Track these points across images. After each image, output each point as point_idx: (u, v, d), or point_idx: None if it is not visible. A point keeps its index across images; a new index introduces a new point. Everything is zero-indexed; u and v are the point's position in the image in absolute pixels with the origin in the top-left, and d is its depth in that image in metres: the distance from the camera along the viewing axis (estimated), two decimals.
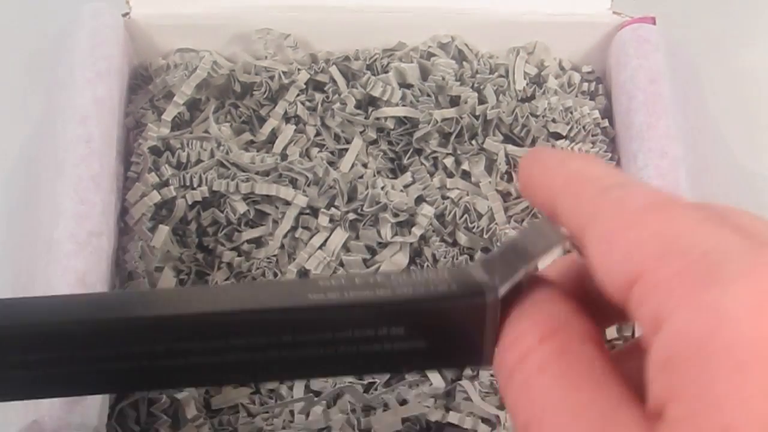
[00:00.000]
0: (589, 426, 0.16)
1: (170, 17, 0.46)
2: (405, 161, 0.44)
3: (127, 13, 0.46)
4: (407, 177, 0.44)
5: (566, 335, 0.17)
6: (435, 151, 0.44)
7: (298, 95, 0.45)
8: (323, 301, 0.20)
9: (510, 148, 0.44)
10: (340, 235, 0.42)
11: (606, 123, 0.45)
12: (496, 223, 0.42)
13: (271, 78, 0.45)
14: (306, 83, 0.46)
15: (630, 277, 0.16)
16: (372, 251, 0.42)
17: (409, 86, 0.45)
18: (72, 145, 0.39)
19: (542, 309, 0.18)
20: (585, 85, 0.47)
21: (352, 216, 0.42)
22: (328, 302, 0.20)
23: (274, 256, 0.42)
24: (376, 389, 0.38)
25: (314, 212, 0.42)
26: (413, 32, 0.47)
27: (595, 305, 0.19)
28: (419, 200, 0.43)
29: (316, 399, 0.38)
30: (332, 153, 0.44)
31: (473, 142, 0.44)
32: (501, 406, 0.38)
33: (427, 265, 0.41)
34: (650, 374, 0.15)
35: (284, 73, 0.46)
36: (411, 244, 0.42)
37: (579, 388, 0.16)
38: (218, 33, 0.47)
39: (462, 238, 0.42)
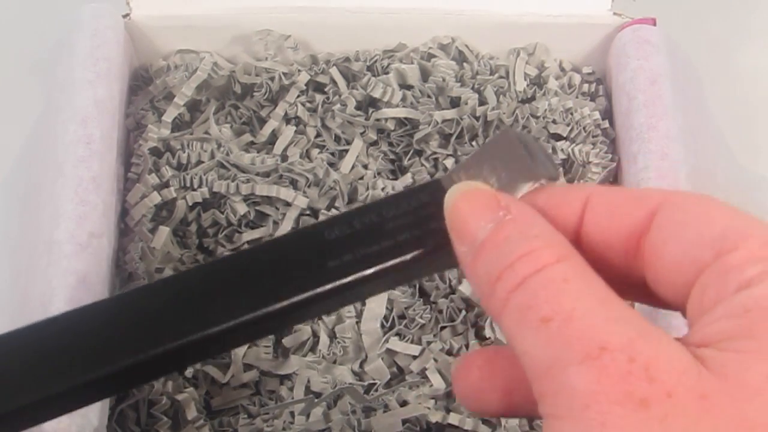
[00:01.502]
0: (623, 313, 0.18)
1: (171, 18, 0.46)
2: (405, 162, 0.44)
3: (128, 15, 0.46)
4: (408, 178, 0.44)
5: (579, 261, 0.19)
6: (435, 153, 0.44)
7: (298, 96, 0.45)
8: (343, 269, 0.22)
9: None
10: None
11: (606, 124, 0.45)
12: None
13: (272, 79, 0.45)
14: (306, 84, 0.46)
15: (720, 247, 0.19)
16: None
17: (410, 87, 0.45)
18: (72, 146, 0.39)
19: (554, 235, 0.20)
20: (585, 86, 0.47)
21: None
22: (349, 269, 0.22)
23: None
24: (376, 390, 0.38)
25: (314, 213, 0.42)
26: (413, 33, 0.47)
27: None
28: None
29: (316, 400, 0.38)
30: (332, 154, 0.44)
31: (474, 143, 0.44)
32: None
33: None
34: (721, 315, 0.18)
35: (284, 74, 0.46)
36: None
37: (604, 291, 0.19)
38: (219, 34, 0.47)
39: None
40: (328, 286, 0.22)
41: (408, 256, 0.22)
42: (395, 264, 0.22)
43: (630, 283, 0.21)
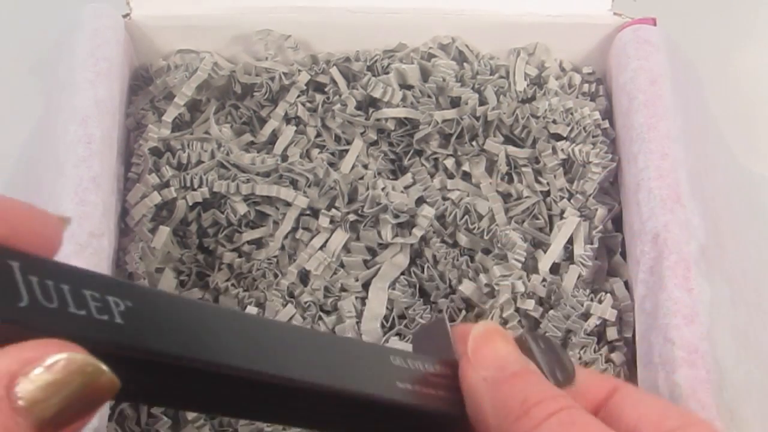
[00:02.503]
0: None
1: (171, 18, 0.46)
2: (405, 162, 0.44)
3: (128, 14, 0.46)
4: (408, 178, 0.44)
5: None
6: (435, 152, 0.44)
7: (298, 96, 0.45)
8: (409, 396, 0.23)
9: (511, 149, 0.44)
10: (340, 236, 0.42)
11: (606, 124, 0.45)
12: (497, 224, 0.42)
13: (272, 79, 0.45)
14: (306, 84, 0.46)
15: None
16: (372, 252, 0.42)
17: (410, 87, 0.45)
18: (72, 146, 0.39)
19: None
20: (585, 86, 0.47)
21: (352, 217, 0.42)
22: (412, 399, 0.23)
23: (275, 257, 0.42)
24: None
25: (315, 213, 0.42)
26: (414, 33, 0.47)
27: None
28: (420, 201, 0.43)
29: None
30: (333, 154, 0.44)
31: (474, 143, 0.44)
32: None
33: (428, 266, 0.41)
34: None
35: (285, 74, 0.46)
36: (411, 245, 0.42)
37: None
38: (219, 34, 0.47)
39: (462, 239, 0.42)
40: (397, 400, 0.23)
41: (443, 410, 0.24)
42: (435, 410, 0.24)
43: None
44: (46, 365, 0.17)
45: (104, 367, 0.18)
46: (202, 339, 0.20)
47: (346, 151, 0.44)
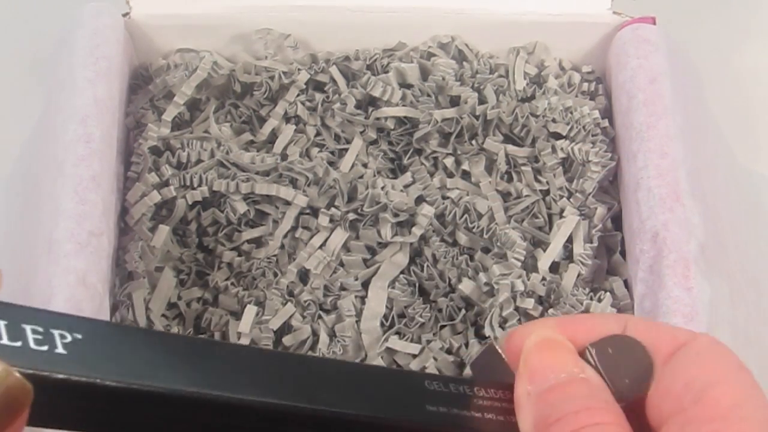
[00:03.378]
0: None
1: (171, 17, 0.46)
2: (405, 161, 0.44)
3: (128, 14, 0.46)
4: (407, 177, 0.44)
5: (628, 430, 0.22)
6: (435, 151, 0.44)
7: (298, 95, 0.45)
8: (439, 418, 0.23)
9: (510, 148, 0.44)
10: (340, 235, 0.42)
11: (606, 123, 0.45)
12: (496, 223, 0.42)
13: (272, 78, 0.45)
14: (306, 83, 0.46)
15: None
16: (372, 251, 0.42)
17: (410, 86, 0.45)
18: (72, 145, 0.39)
19: (615, 405, 0.23)
20: (585, 85, 0.47)
21: (352, 216, 0.42)
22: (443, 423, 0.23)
23: (274, 256, 0.42)
24: None
25: (314, 212, 0.42)
26: (413, 32, 0.47)
27: None
28: (419, 200, 0.43)
29: None
30: (332, 153, 0.44)
31: (473, 142, 0.44)
32: None
33: (427, 265, 0.41)
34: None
35: (284, 73, 0.46)
36: (411, 244, 0.42)
37: None
38: (218, 33, 0.47)
39: (462, 238, 0.42)
40: (423, 423, 0.23)
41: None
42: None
43: None
44: None
45: (12, 369, 0.18)
46: (156, 369, 0.20)
47: (346, 150, 0.44)
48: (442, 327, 0.41)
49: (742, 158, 0.48)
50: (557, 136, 0.45)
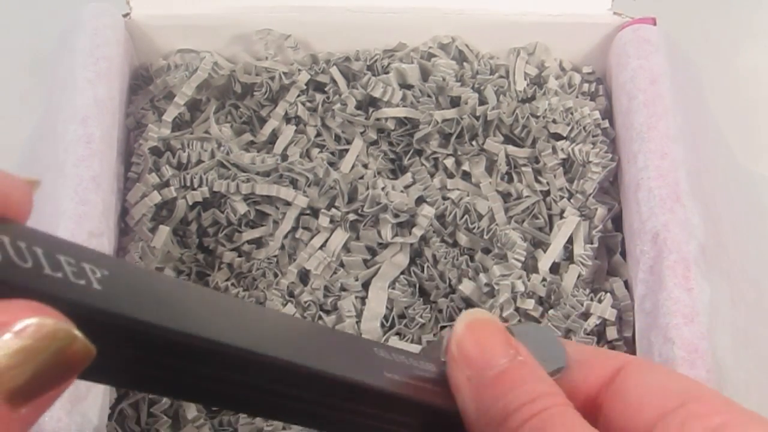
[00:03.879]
0: None
1: (171, 18, 0.46)
2: (405, 162, 0.44)
3: (128, 14, 0.46)
4: (408, 178, 0.44)
5: (575, 410, 0.22)
6: (435, 152, 0.44)
7: (298, 96, 0.45)
8: (396, 385, 0.23)
9: (510, 148, 0.44)
10: (340, 236, 0.42)
11: (606, 124, 0.45)
12: (497, 224, 0.42)
13: (272, 78, 0.45)
14: (306, 84, 0.46)
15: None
16: (372, 252, 0.42)
17: (410, 87, 0.45)
18: (72, 145, 0.39)
19: (555, 385, 0.23)
20: (585, 86, 0.47)
21: (352, 216, 0.42)
22: (401, 389, 0.23)
23: (275, 256, 0.42)
24: None
25: (315, 213, 0.42)
26: (414, 33, 0.47)
27: None
28: (419, 201, 0.43)
29: None
30: (333, 153, 0.44)
31: (474, 142, 0.44)
32: None
33: (428, 266, 0.41)
34: None
35: (285, 73, 0.46)
36: (411, 244, 0.42)
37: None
38: (219, 33, 0.47)
39: (462, 238, 0.42)
40: (385, 389, 0.22)
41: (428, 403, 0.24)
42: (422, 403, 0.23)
43: None
44: (15, 330, 0.16)
45: (78, 333, 0.17)
46: (188, 313, 0.20)
47: (346, 150, 0.44)
48: (443, 328, 0.41)
49: (743, 158, 0.48)
50: (558, 137, 0.45)
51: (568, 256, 0.42)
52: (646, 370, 0.24)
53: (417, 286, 0.41)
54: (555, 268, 0.42)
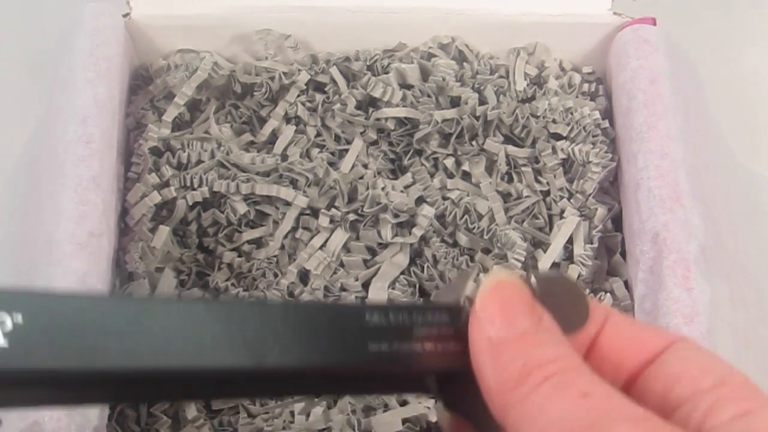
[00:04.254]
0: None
1: (171, 18, 0.46)
2: (405, 162, 0.44)
3: (128, 14, 0.46)
4: (408, 178, 0.44)
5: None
6: (435, 152, 0.44)
7: (298, 96, 0.45)
8: (385, 357, 0.22)
9: (510, 148, 0.44)
10: (340, 236, 0.42)
11: (606, 123, 0.45)
12: (497, 224, 0.42)
13: (272, 79, 0.45)
14: (306, 84, 0.46)
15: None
16: (372, 252, 0.42)
17: (410, 87, 0.45)
18: (72, 145, 0.39)
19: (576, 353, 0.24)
20: (585, 86, 0.47)
21: (352, 216, 0.42)
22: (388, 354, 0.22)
23: (275, 256, 0.42)
24: None
25: (314, 213, 0.42)
26: (414, 33, 0.47)
27: None
28: (419, 201, 0.43)
29: (316, 399, 0.38)
30: (333, 154, 0.44)
31: (474, 142, 0.44)
32: None
33: (428, 266, 0.41)
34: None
35: (285, 73, 0.46)
36: (411, 244, 0.42)
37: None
38: (219, 34, 0.47)
39: (462, 238, 0.42)
40: (366, 365, 0.22)
41: (429, 367, 0.23)
42: (418, 368, 0.23)
43: None
44: None
45: None
46: (111, 343, 0.19)
47: (346, 150, 0.44)
48: None
49: (742, 158, 0.48)
50: (557, 137, 0.45)
51: (568, 256, 0.42)
52: (692, 348, 0.24)
53: (417, 286, 0.41)
54: (555, 268, 0.42)
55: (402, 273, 0.41)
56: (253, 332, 0.21)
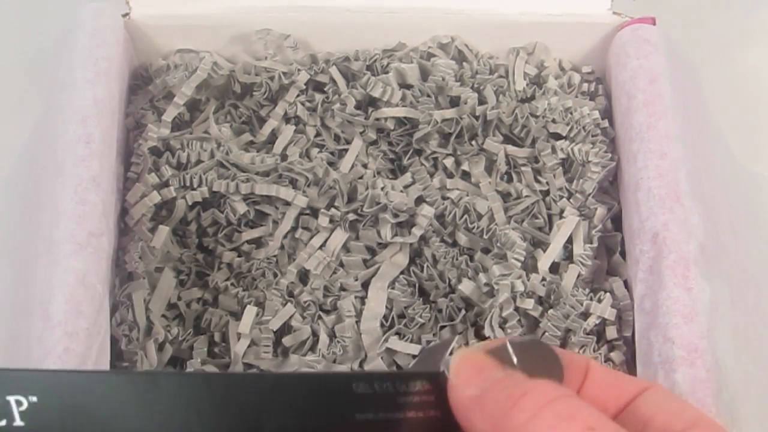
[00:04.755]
0: None
1: (170, 18, 0.46)
2: (405, 162, 0.44)
3: (128, 14, 0.46)
4: (407, 177, 0.44)
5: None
6: (435, 152, 0.44)
7: (298, 96, 0.45)
8: (370, 426, 0.24)
9: (510, 148, 0.44)
10: (340, 236, 0.42)
11: (606, 123, 0.45)
12: (496, 224, 0.42)
13: (271, 78, 0.45)
14: (306, 84, 0.46)
15: None
16: (372, 252, 0.42)
17: (409, 87, 0.45)
18: (72, 145, 0.39)
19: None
20: (585, 86, 0.47)
21: (352, 216, 0.42)
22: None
23: (274, 256, 0.42)
24: None
25: (314, 213, 0.42)
26: (413, 33, 0.47)
27: None
28: (419, 201, 0.43)
29: None
30: (332, 153, 0.44)
31: (473, 142, 0.44)
32: None
33: (427, 266, 0.41)
34: None
35: (284, 73, 0.46)
36: (411, 244, 0.42)
37: None
38: (218, 33, 0.47)
39: (462, 238, 0.42)
40: None
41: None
42: None
43: None
44: None
45: None
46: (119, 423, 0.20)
47: (346, 150, 0.44)
48: (442, 327, 0.41)
49: (742, 158, 0.48)
50: (557, 137, 0.45)
51: (568, 255, 0.42)
52: (664, 394, 0.27)
53: (416, 285, 0.41)
54: (554, 268, 0.42)
55: (402, 273, 0.42)
56: (250, 404, 0.22)
